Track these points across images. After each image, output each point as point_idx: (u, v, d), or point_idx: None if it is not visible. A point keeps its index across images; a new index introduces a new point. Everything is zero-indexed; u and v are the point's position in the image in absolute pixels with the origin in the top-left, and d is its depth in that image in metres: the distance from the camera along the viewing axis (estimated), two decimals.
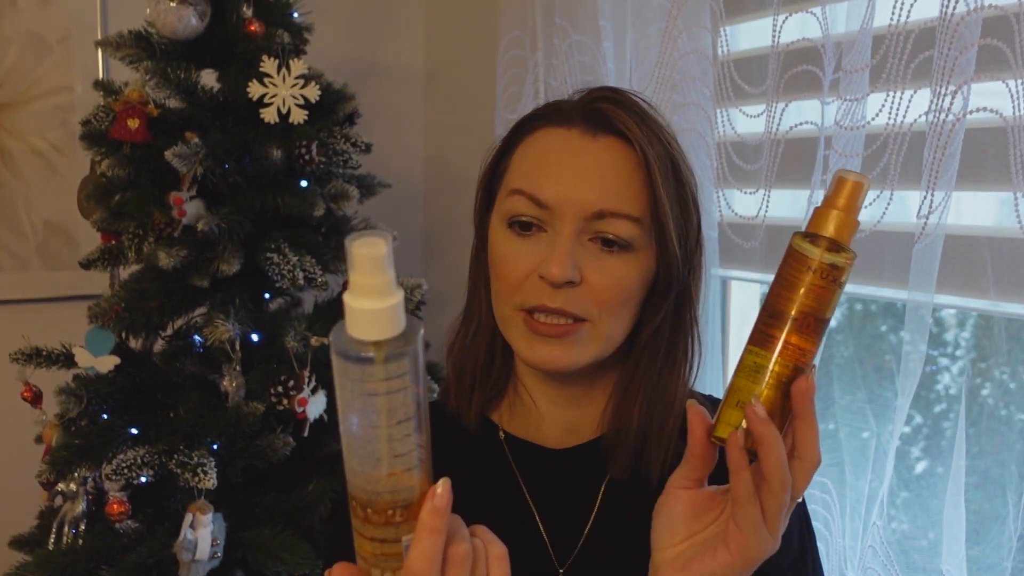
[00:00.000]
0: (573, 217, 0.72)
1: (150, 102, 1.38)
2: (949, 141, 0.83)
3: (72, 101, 1.79)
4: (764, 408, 0.58)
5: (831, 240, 0.58)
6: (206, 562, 1.23)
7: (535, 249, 0.73)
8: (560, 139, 0.76)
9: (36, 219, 1.80)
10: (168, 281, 1.36)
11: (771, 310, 0.59)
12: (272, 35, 1.41)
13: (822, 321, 0.59)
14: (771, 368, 0.59)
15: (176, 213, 1.30)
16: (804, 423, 0.59)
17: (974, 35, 0.81)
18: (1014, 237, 0.82)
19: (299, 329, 1.37)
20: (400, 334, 0.45)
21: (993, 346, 0.89)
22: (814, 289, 0.58)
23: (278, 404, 1.32)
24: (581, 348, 0.74)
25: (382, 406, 0.46)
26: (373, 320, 0.44)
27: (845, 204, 0.58)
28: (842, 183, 0.58)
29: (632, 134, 0.74)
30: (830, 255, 0.58)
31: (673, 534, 0.63)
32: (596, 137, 0.75)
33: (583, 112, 0.77)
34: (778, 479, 0.58)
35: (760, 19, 1.14)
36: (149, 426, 1.32)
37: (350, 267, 0.44)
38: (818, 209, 0.59)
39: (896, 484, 0.98)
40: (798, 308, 0.58)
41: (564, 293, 0.72)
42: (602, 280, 0.73)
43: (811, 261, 0.58)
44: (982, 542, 0.90)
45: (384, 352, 0.45)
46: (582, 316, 0.73)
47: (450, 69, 2.06)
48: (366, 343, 0.45)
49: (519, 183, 0.75)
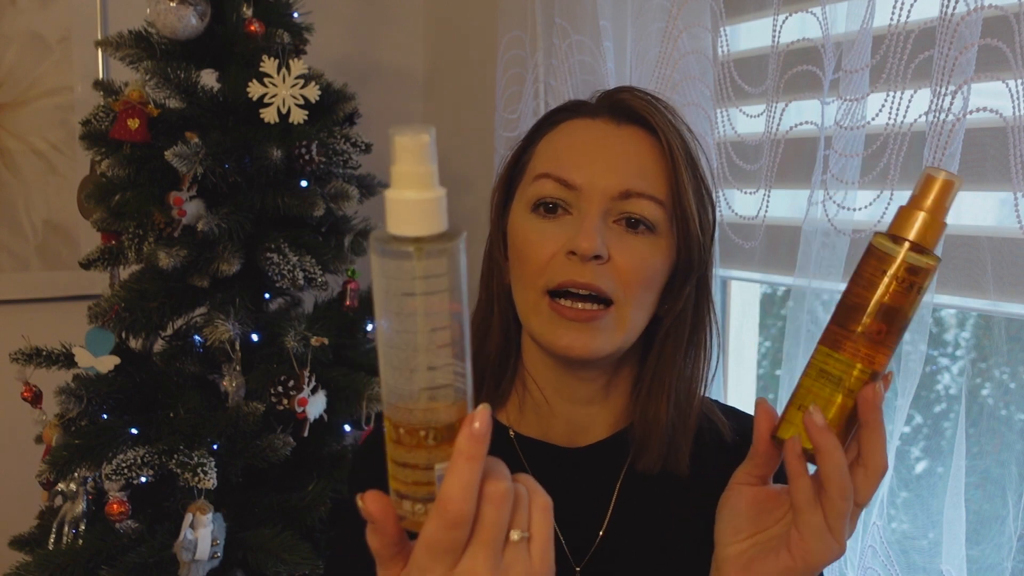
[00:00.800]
0: (600, 197, 0.74)
1: (150, 102, 1.38)
2: (949, 141, 0.83)
3: (72, 101, 1.79)
4: (823, 416, 0.57)
5: (914, 242, 0.55)
6: (206, 562, 1.24)
7: (561, 231, 0.74)
8: (586, 127, 0.78)
9: (36, 219, 1.80)
10: (168, 281, 1.36)
11: (846, 311, 0.57)
12: (272, 35, 1.41)
13: (899, 326, 0.56)
14: (839, 373, 0.57)
15: (176, 213, 1.30)
16: (869, 431, 0.58)
17: (974, 35, 0.81)
18: (1014, 237, 0.82)
19: (299, 329, 1.37)
20: (441, 232, 0.43)
21: (993, 346, 0.89)
22: (892, 292, 0.55)
23: (278, 404, 1.32)
24: (605, 335, 0.74)
25: (419, 308, 0.44)
26: (413, 212, 0.43)
27: (932, 205, 0.55)
28: (930, 181, 0.55)
29: (655, 122, 0.77)
30: (913, 256, 0.55)
31: (737, 530, 0.64)
32: (621, 126, 0.78)
33: (607, 105, 0.79)
34: (837, 488, 0.57)
35: (760, 19, 1.14)
36: (149, 426, 1.32)
37: (393, 159, 0.43)
38: (903, 208, 0.56)
39: (896, 484, 0.98)
40: (873, 311, 0.56)
41: (592, 268, 0.72)
42: (628, 260, 0.74)
43: (892, 261, 0.55)
44: (982, 542, 0.90)
45: (423, 248, 0.43)
46: (608, 295, 0.73)
47: (450, 69, 2.06)
48: (405, 237, 0.43)
49: (545, 167, 0.77)
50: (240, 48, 1.40)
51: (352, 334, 1.50)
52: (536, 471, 0.81)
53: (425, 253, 0.43)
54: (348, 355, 1.49)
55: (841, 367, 0.57)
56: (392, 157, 0.43)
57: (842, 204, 0.97)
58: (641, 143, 0.77)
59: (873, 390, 0.56)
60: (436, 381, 0.45)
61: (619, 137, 0.77)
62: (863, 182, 0.96)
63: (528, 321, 0.77)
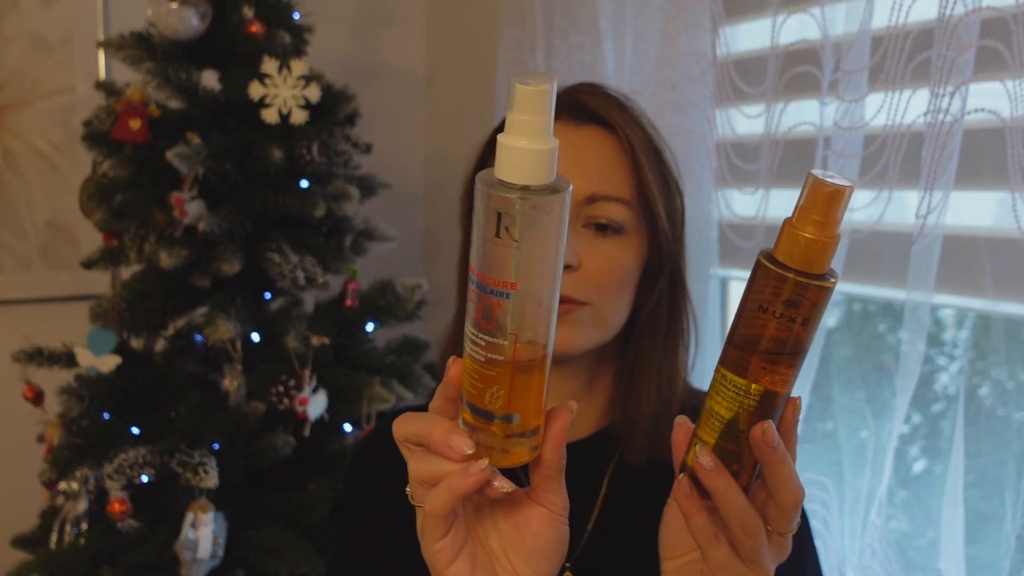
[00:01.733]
0: None
1: (151, 103, 1.38)
2: (947, 141, 0.84)
3: (74, 102, 1.79)
4: (711, 457, 0.53)
5: (799, 270, 0.48)
6: (207, 561, 1.24)
7: None
8: None
9: (38, 219, 1.80)
10: (169, 281, 1.37)
11: (739, 332, 0.51)
12: (273, 36, 1.42)
13: (797, 352, 0.50)
14: (737, 399, 0.52)
15: (177, 213, 1.30)
16: (771, 468, 0.53)
17: (972, 36, 0.81)
18: (1012, 237, 0.82)
19: (300, 329, 1.37)
20: (550, 183, 0.43)
21: (991, 346, 0.89)
22: (779, 322, 0.49)
23: (279, 404, 1.32)
24: (583, 331, 0.74)
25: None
26: (526, 160, 0.42)
27: (820, 218, 0.47)
28: (817, 192, 0.47)
29: (615, 121, 0.76)
30: (800, 283, 0.48)
31: (673, 547, 0.62)
32: (580, 127, 0.77)
33: (566, 105, 0.78)
34: (739, 528, 0.54)
35: (759, 20, 1.14)
36: (150, 426, 1.32)
37: (510, 106, 0.42)
38: (789, 224, 0.49)
39: (894, 483, 0.98)
40: (767, 338, 0.49)
41: (564, 278, 0.72)
42: (599, 264, 0.74)
43: (778, 291, 0.48)
44: (980, 541, 0.90)
45: (529, 200, 0.43)
46: (582, 300, 0.73)
47: (450, 69, 2.06)
48: (514, 186, 0.43)
49: None
50: (241, 49, 1.40)
51: (353, 334, 1.50)
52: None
53: (531, 204, 0.43)
54: (349, 355, 1.49)
55: (737, 392, 0.51)
56: (510, 102, 0.43)
57: None
58: (602, 143, 0.76)
59: (761, 431, 0.51)
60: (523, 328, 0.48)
61: (580, 139, 0.76)
62: (862, 182, 0.96)
63: None
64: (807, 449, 1.11)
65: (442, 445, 0.52)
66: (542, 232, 0.45)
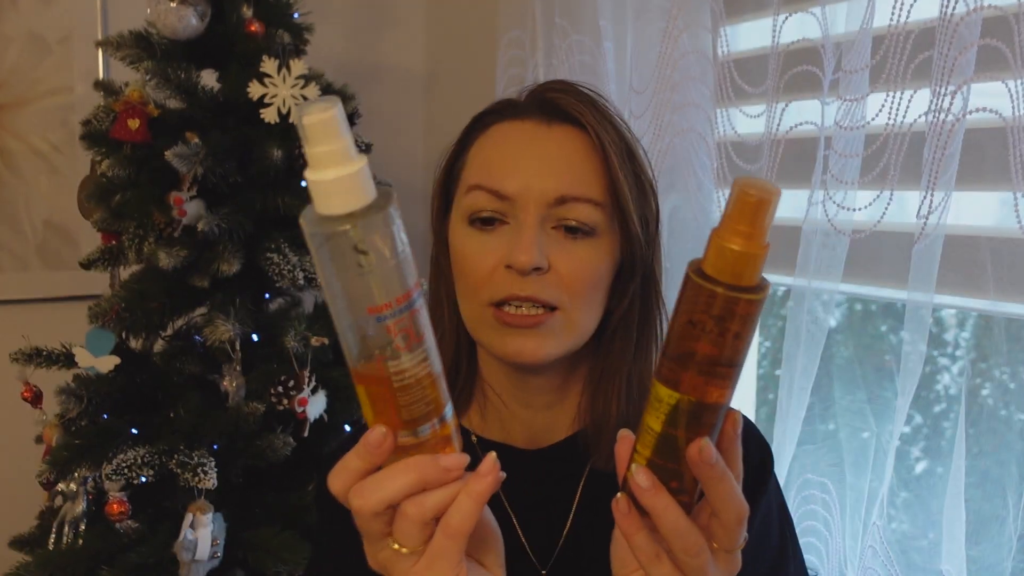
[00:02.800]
0: (535, 205, 0.72)
1: (150, 102, 1.38)
2: (949, 141, 0.83)
3: (72, 101, 1.79)
4: (647, 475, 0.51)
5: (728, 284, 0.47)
6: (206, 562, 1.24)
7: (499, 242, 0.72)
8: (515, 131, 0.76)
9: (36, 219, 1.80)
10: (168, 281, 1.36)
11: (672, 342, 0.50)
12: (272, 35, 1.41)
13: (731, 366, 0.49)
14: (672, 412, 0.50)
15: (176, 213, 1.30)
16: (710, 486, 0.51)
17: (974, 35, 0.81)
18: (1014, 237, 0.82)
19: (299, 329, 1.37)
20: (371, 203, 0.43)
21: (993, 346, 0.89)
22: (716, 336, 0.47)
23: (278, 404, 1.32)
24: (554, 339, 0.73)
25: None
26: (339, 191, 0.41)
27: (747, 229, 0.45)
28: (744, 201, 0.45)
29: (586, 120, 0.74)
30: (730, 297, 0.46)
31: (623, 562, 0.61)
32: (551, 126, 0.75)
33: (536, 103, 0.77)
34: (680, 547, 0.52)
35: (760, 19, 1.14)
36: (149, 426, 1.32)
37: (304, 141, 0.41)
38: (717, 235, 0.47)
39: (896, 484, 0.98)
40: (700, 352, 0.48)
41: (533, 281, 0.71)
42: (569, 266, 0.72)
43: (713, 303, 0.47)
44: (982, 542, 0.90)
45: (358, 224, 0.42)
46: (553, 303, 0.72)
47: (450, 69, 2.06)
48: (337, 217, 0.42)
49: (477, 178, 0.75)
50: (240, 48, 1.40)
51: None
52: None
53: (360, 228, 0.42)
54: None
55: (671, 406, 0.50)
56: (303, 138, 0.42)
57: (842, 204, 0.97)
58: (573, 142, 0.74)
59: (698, 449, 0.49)
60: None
61: (550, 139, 0.75)
62: (863, 182, 0.96)
63: (475, 332, 0.76)
64: (808, 450, 1.10)
65: (441, 474, 0.52)
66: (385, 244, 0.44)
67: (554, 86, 0.78)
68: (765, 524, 0.79)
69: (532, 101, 0.77)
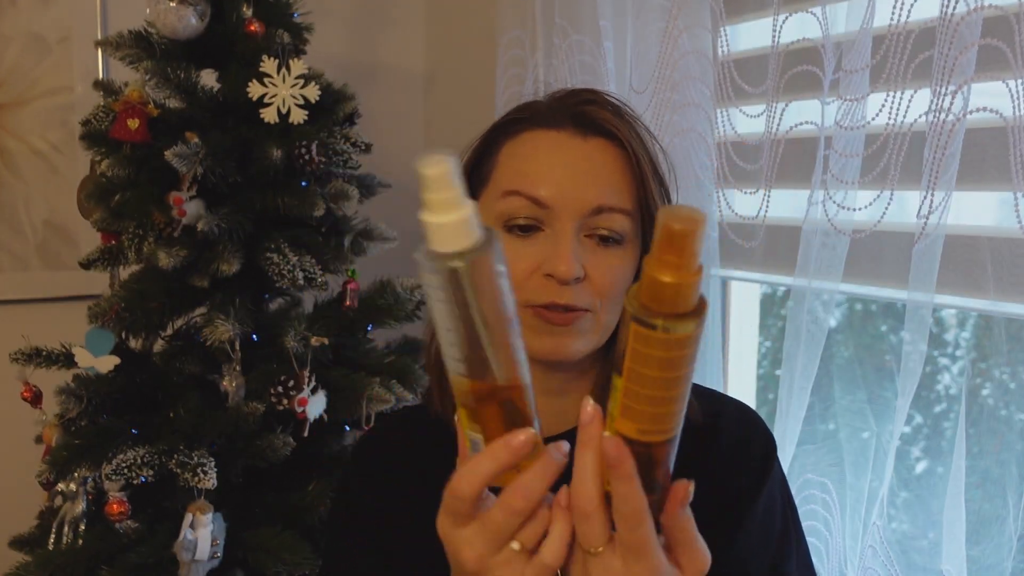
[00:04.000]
0: (573, 214, 0.75)
1: (150, 102, 1.37)
2: (949, 141, 0.83)
3: (72, 101, 1.79)
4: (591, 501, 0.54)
5: (669, 315, 0.46)
6: (206, 562, 1.23)
7: (535, 249, 0.75)
8: (551, 140, 0.78)
9: (36, 219, 1.80)
10: (168, 281, 1.36)
11: (630, 384, 0.50)
12: (272, 35, 1.41)
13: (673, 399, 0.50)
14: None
15: (176, 213, 1.30)
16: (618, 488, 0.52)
17: (974, 35, 0.81)
18: (1014, 237, 0.82)
19: (299, 329, 1.37)
20: (478, 241, 0.48)
21: (993, 346, 0.89)
22: (659, 369, 0.48)
23: (278, 404, 1.32)
24: (584, 337, 0.77)
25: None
26: (449, 232, 0.48)
27: (677, 260, 0.45)
28: (667, 232, 0.44)
29: (621, 134, 0.78)
30: (677, 327, 0.47)
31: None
32: (587, 138, 0.78)
33: (571, 115, 0.79)
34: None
35: (760, 19, 1.14)
36: (149, 426, 1.32)
37: (421, 188, 0.48)
38: (648, 267, 0.46)
39: (896, 484, 0.98)
40: (653, 389, 0.49)
41: (571, 289, 0.74)
42: (604, 276, 0.76)
43: (656, 347, 0.47)
44: (982, 542, 0.90)
45: (467, 258, 0.47)
46: (587, 308, 0.76)
47: (450, 69, 2.06)
48: (451, 254, 0.48)
49: (513, 184, 0.77)
50: (240, 48, 1.40)
51: (352, 334, 1.50)
52: None
53: (469, 265, 0.48)
54: (348, 355, 1.49)
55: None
56: (421, 184, 0.48)
57: (842, 204, 0.97)
58: (608, 155, 0.78)
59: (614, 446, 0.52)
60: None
61: (586, 151, 0.78)
62: (863, 182, 0.96)
63: None
64: (809, 450, 1.10)
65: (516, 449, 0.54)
66: (494, 272, 0.49)
67: (588, 97, 0.81)
68: (769, 512, 0.80)
69: (564, 111, 0.80)
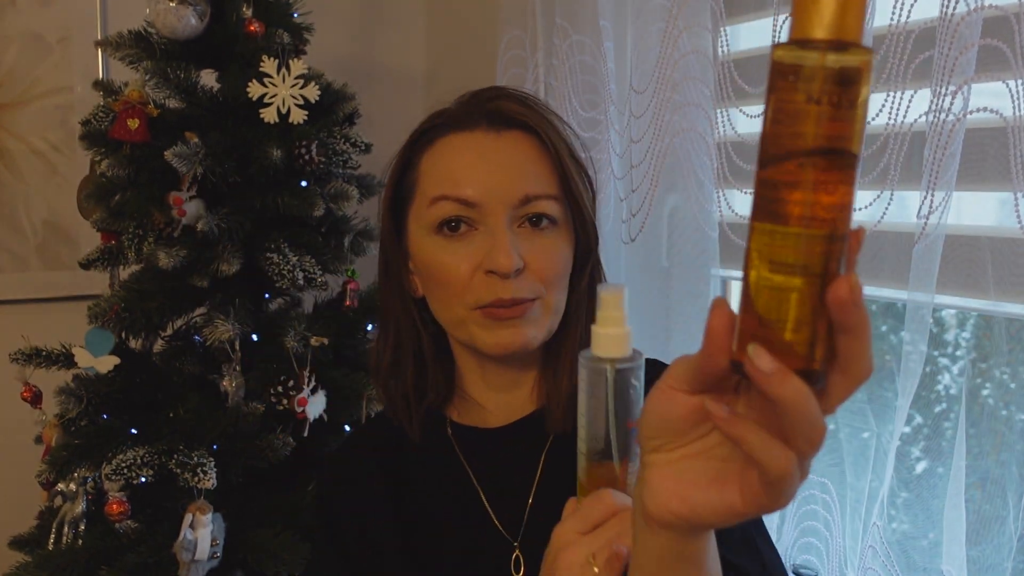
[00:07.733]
0: (502, 208, 0.77)
1: (150, 102, 1.37)
2: (949, 141, 0.83)
3: (72, 101, 1.79)
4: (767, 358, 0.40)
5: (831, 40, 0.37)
6: (206, 562, 1.23)
7: (471, 248, 0.78)
8: (468, 141, 0.81)
9: (36, 219, 1.80)
10: (168, 281, 1.36)
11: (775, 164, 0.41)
12: (272, 35, 1.41)
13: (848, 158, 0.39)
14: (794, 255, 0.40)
15: (176, 213, 1.30)
16: (850, 338, 0.41)
17: (974, 35, 0.81)
18: (1014, 237, 0.82)
19: (299, 329, 1.37)
20: (631, 353, 0.60)
21: (993, 346, 0.89)
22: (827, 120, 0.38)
23: (278, 404, 1.32)
24: (536, 325, 0.79)
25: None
26: (607, 342, 0.60)
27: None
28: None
29: (533, 123, 0.81)
30: (836, 59, 0.38)
31: (667, 439, 0.50)
32: (501, 133, 0.81)
33: (482, 113, 0.82)
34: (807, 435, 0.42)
35: (760, 19, 1.14)
36: (149, 426, 1.32)
37: (598, 306, 0.60)
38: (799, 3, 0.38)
39: (896, 484, 0.98)
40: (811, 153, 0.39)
41: (513, 283, 0.76)
42: (542, 260, 0.78)
43: (811, 77, 0.38)
44: (982, 542, 0.90)
45: (617, 364, 0.60)
46: (534, 296, 0.78)
47: (450, 69, 2.06)
48: (609, 359, 0.60)
49: (439, 189, 0.79)
50: (240, 48, 1.40)
51: (352, 334, 1.50)
52: (468, 457, 0.86)
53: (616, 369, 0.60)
54: (348, 355, 1.49)
55: (795, 245, 0.40)
56: (598, 303, 0.60)
57: None
58: (524, 145, 0.80)
59: (848, 285, 0.40)
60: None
61: (503, 145, 0.80)
62: (863, 182, 0.96)
63: (457, 331, 0.81)
64: None
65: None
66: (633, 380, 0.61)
67: (492, 94, 0.84)
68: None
69: (476, 111, 0.82)
